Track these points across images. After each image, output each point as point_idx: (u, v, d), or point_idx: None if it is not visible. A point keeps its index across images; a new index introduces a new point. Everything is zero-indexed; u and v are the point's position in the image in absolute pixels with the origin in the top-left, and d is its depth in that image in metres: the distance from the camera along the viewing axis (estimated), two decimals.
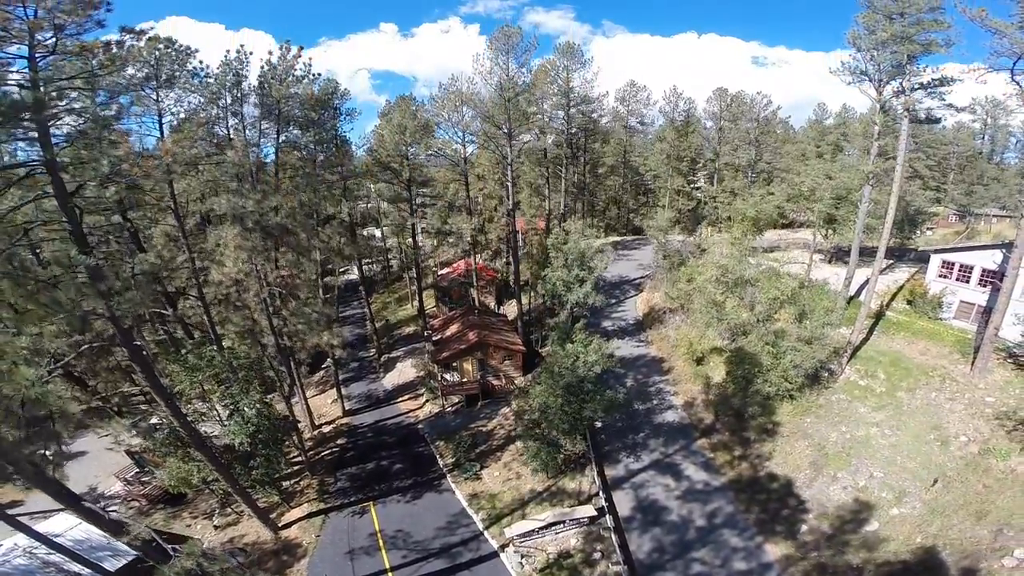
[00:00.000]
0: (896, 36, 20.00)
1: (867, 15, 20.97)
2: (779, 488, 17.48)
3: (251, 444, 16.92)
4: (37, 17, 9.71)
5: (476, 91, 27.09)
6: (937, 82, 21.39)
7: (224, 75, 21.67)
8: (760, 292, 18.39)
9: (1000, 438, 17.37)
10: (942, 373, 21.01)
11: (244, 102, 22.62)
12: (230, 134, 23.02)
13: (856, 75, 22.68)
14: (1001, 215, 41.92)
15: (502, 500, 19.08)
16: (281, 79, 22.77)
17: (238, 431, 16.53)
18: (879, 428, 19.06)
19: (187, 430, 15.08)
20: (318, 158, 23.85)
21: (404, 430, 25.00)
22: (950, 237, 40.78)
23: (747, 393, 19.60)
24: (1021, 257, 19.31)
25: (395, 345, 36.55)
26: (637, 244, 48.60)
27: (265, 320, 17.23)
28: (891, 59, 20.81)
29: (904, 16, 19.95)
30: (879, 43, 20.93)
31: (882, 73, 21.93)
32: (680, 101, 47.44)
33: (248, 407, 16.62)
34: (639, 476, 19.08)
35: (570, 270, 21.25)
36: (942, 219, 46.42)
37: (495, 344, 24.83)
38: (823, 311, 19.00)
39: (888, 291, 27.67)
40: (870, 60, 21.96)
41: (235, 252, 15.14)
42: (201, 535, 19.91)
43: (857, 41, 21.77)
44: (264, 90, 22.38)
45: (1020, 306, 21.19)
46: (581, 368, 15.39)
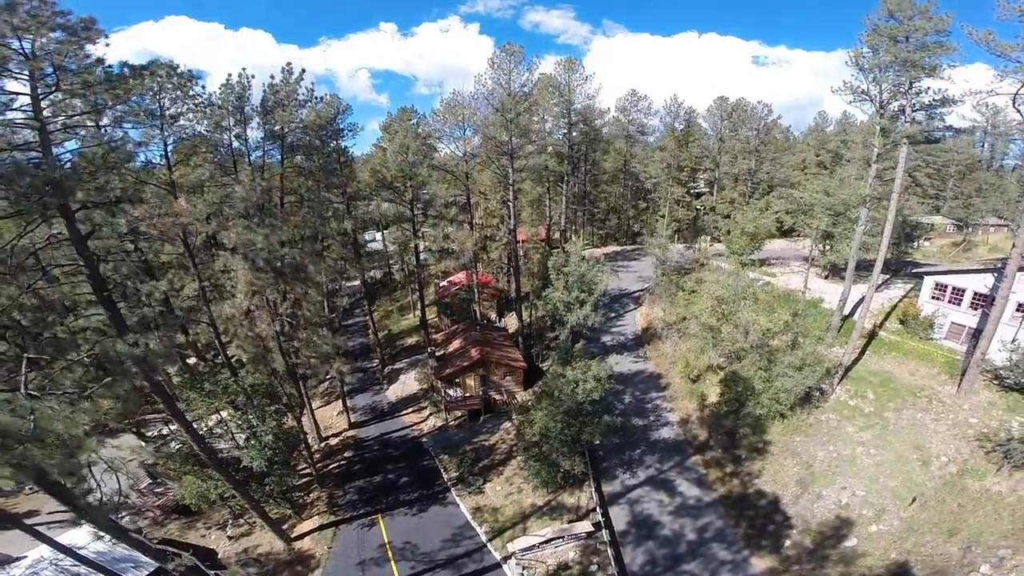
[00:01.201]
0: (900, 59, 20.52)
1: (871, 36, 21.51)
2: (766, 504, 19.04)
3: (268, 465, 18.57)
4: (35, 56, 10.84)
5: (477, 107, 28.61)
6: (939, 102, 22.46)
7: (226, 97, 22.70)
8: (753, 324, 19.85)
9: (979, 459, 18.88)
10: (929, 393, 22.50)
11: (247, 125, 23.76)
12: (235, 160, 24.33)
13: (857, 94, 23.25)
14: (999, 224, 43.28)
15: (504, 514, 20.68)
16: (284, 104, 24.05)
17: (256, 455, 18.18)
18: (865, 447, 20.59)
19: (207, 453, 16.63)
20: (321, 181, 25.27)
21: (409, 443, 26.62)
22: (947, 249, 42.20)
23: (739, 415, 21.15)
24: (1013, 277, 20.53)
25: (398, 356, 38.17)
26: (637, 255, 50.17)
27: (276, 347, 18.74)
28: (893, 80, 21.36)
29: (909, 40, 20.54)
30: (882, 64, 21.45)
31: (883, 94, 22.27)
32: (681, 110, 48.86)
33: (265, 433, 18.27)
34: (635, 492, 20.65)
35: (570, 291, 22.79)
36: (940, 232, 47.82)
37: (497, 361, 26.41)
38: (814, 339, 20.45)
39: (883, 309, 29.14)
40: (872, 81, 22.34)
41: (246, 286, 16.62)
42: (216, 545, 21.60)
43: (860, 60, 22.38)
44: (268, 115, 23.43)
45: (1008, 330, 22.64)
46: (580, 394, 16.91)
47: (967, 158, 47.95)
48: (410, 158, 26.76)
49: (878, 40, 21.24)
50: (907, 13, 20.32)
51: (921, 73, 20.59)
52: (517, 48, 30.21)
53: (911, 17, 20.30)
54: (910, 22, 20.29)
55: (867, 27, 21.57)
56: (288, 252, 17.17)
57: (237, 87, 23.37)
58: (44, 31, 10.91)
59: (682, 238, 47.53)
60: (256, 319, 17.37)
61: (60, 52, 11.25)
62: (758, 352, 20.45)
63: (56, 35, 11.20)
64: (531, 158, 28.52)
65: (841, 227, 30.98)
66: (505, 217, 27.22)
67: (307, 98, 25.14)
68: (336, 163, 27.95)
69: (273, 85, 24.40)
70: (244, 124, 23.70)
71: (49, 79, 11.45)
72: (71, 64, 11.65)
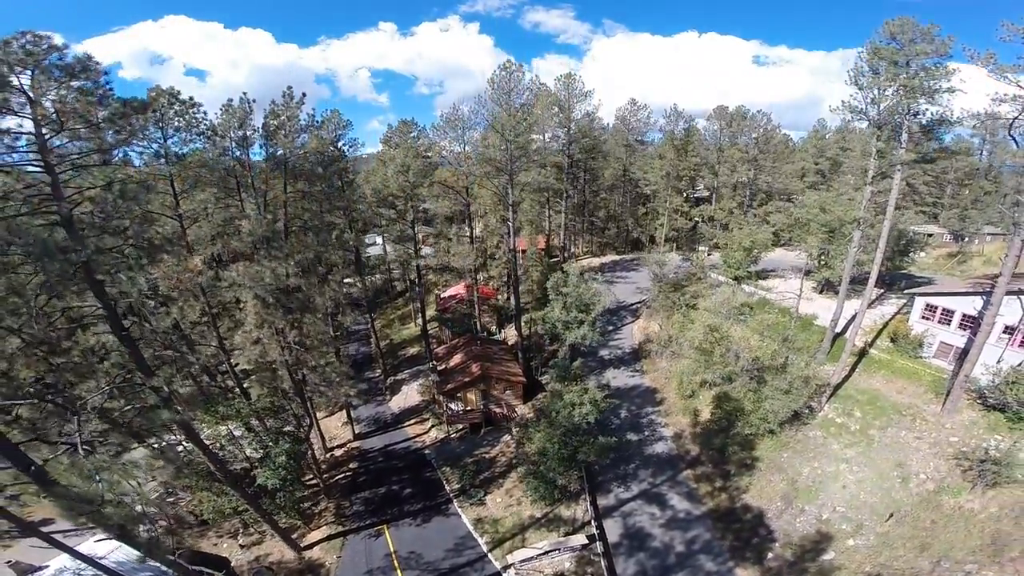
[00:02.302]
0: (899, 84, 21.04)
1: (871, 57, 21.84)
2: (752, 519, 20.67)
3: (281, 484, 20.34)
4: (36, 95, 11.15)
5: (477, 122, 30.09)
6: (937, 122, 23.73)
7: (228, 121, 23.71)
8: (743, 350, 21.42)
9: (955, 477, 20.45)
10: (914, 412, 24.04)
11: (249, 150, 24.68)
12: (238, 182, 25.22)
13: (856, 114, 23.91)
14: (996, 233, 44.53)
15: (504, 525, 22.35)
16: (286, 130, 25.24)
17: (271, 475, 19.93)
18: (848, 464, 22.18)
19: (223, 474, 18.29)
20: (324, 206, 26.70)
21: (412, 455, 28.31)
22: (943, 261, 43.55)
23: (728, 434, 22.77)
24: (1000, 303, 21.76)
25: (400, 367, 39.87)
26: (635, 264, 51.73)
27: (285, 372, 20.36)
28: (891, 103, 21.90)
29: (909, 64, 21.09)
30: (881, 86, 22.00)
31: (881, 115, 22.80)
32: (680, 120, 50.29)
33: (278, 455, 20.01)
34: (628, 505, 22.30)
35: (569, 311, 24.37)
36: (937, 241, 49.07)
37: (497, 376, 28.06)
38: (804, 362, 22.02)
39: (874, 327, 30.62)
40: (870, 102, 22.84)
41: (255, 318, 18.16)
42: (228, 554, 23.33)
43: (859, 80, 22.99)
44: (269, 139, 24.41)
45: (995, 351, 24.07)
46: (577, 417, 18.52)
47: (965, 165, 49.05)
48: (411, 178, 28.30)
49: (878, 63, 21.81)
50: (909, 36, 20.92)
51: (919, 97, 21.21)
52: (516, 66, 31.72)
53: (913, 40, 20.91)
54: (911, 45, 20.90)
55: (868, 48, 22.11)
56: (294, 282, 18.67)
57: (239, 111, 24.58)
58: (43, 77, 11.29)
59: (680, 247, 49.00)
60: (266, 347, 18.96)
61: (61, 99, 11.79)
62: (748, 375, 22.02)
63: (56, 73, 11.55)
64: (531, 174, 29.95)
65: (836, 243, 32.39)
66: (504, 236, 28.72)
67: (308, 123, 26.38)
68: (339, 182, 29.39)
69: (274, 109, 25.72)
70: (247, 149, 24.70)
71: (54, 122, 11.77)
72: (74, 104, 12.00)
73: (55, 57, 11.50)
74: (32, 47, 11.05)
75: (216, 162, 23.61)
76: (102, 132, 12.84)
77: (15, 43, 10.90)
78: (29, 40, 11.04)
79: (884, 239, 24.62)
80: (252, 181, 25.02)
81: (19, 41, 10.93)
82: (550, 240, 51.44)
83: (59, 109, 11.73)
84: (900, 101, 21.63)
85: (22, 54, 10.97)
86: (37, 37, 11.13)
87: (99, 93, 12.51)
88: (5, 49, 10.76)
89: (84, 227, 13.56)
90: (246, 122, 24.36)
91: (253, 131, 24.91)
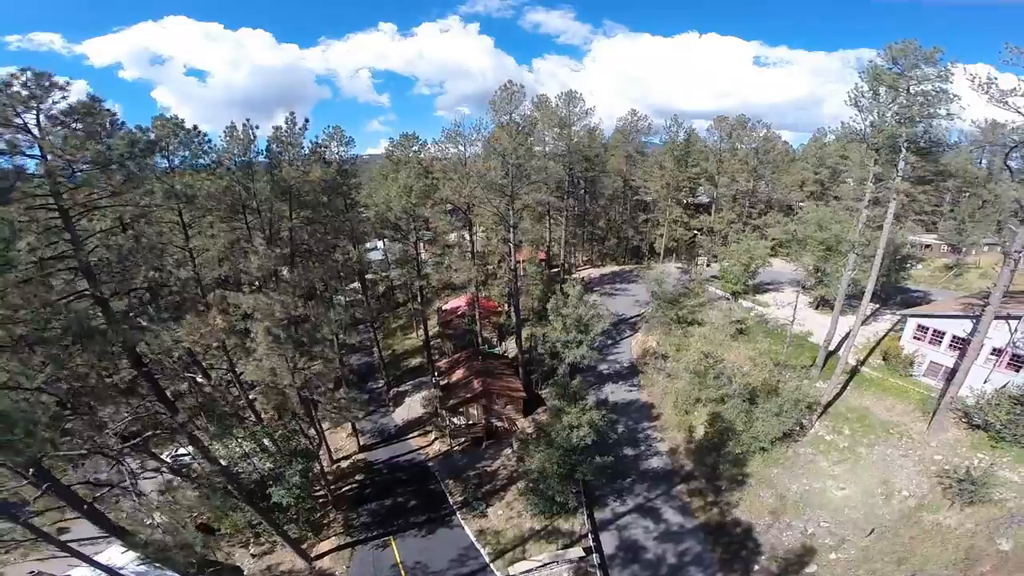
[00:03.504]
0: (898, 111, 21.51)
1: (872, 81, 22.20)
2: (741, 532, 22.40)
3: (294, 501, 22.24)
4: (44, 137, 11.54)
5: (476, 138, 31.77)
6: (934, 144, 24.98)
7: (231, 149, 25.15)
8: (735, 376, 23.17)
9: (936, 494, 22.13)
10: (901, 430, 25.73)
11: (254, 178, 25.90)
12: (243, 205, 26.30)
13: (855, 136, 24.74)
14: (992, 243, 46.06)
15: (505, 536, 24.13)
16: (290, 160, 26.79)
17: (285, 494, 21.80)
18: (835, 481, 23.89)
19: (241, 494, 20.11)
20: (330, 234, 28.36)
21: (416, 467, 30.13)
22: (939, 273, 45.14)
23: (720, 453, 24.52)
24: (988, 326, 23.20)
25: (403, 378, 41.71)
26: (635, 276, 53.47)
27: (296, 397, 22.12)
28: (890, 130, 22.13)
29: (910, 91, 21.46)
30: (881, 109, 22.26)
31: (880, 141, 23.17)
32: (681, 131, 51.98)
33: (292, 476, 21.89)
34: (624, 518, 24.04)
35: (568, 332, 26.13)
36: (935, 251, 50.53)
37: (498, 392, 29.86)
38: (795, 386, 23.75)
39: (868, 344, 32.29)
40: (869, 125, 23.37)
41: (267, 349, 19.84)
42: (240, 563, 25.19)
43: (859, 101, 23.21)
44: (274, 170, 25.76)
45: (982, 372, 25.67)
46: (575, 439, 20.30)
47: (964, 174, 50.29)
48: (413, 199, 30.07)
49: (878, 86, 22.07)
50: (911, 60, 21.19)
51: (917, 125, 21.78)
52: (517, 87, 33.55)
53: (915, 64, 21.20)
54: (913, 70, 21.26)
55: (869, 71, 22.49)
56: (303, 311, 20.36)
57: (243, 137, 26.11)
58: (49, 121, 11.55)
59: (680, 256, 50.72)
60: (278, 375, 20.72)
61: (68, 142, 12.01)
62: (740, 397, 23.78)
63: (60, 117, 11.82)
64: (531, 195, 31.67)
65: (832, 262, 34.04)
66: (505, 256, 30.48)
67: (312, 150, 28.04)
68: (343, 203, 31.05)
69: (277, 135, 27.37)
70: (251, 177, 25.94)
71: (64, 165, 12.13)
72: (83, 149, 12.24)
73: (58, 96, 11.67)
74: (34, 87, 11.17)
75: (223, 193, 25.12)
76: (113, 176, 13.53)
77: (15, 82, 11.06)
78: (30, 79, 11.15)
79: (879, 259, 25.89)
80: (258, 207, 26.73)
81: (20, 80, 11.10)
82: (550, 250, 53.23)
83: (68, 153, 12.04)
84: (898, 129, 21.85)
85: (24, 95, 11.12)
86: (38, 76, 11.29)
87: (106, 136, 13.11)
88: (7, 91, 10.97)
89: (102, 272, 14.52)
90: (249, 149, 25.67)
91: (257, 154, 26.20)
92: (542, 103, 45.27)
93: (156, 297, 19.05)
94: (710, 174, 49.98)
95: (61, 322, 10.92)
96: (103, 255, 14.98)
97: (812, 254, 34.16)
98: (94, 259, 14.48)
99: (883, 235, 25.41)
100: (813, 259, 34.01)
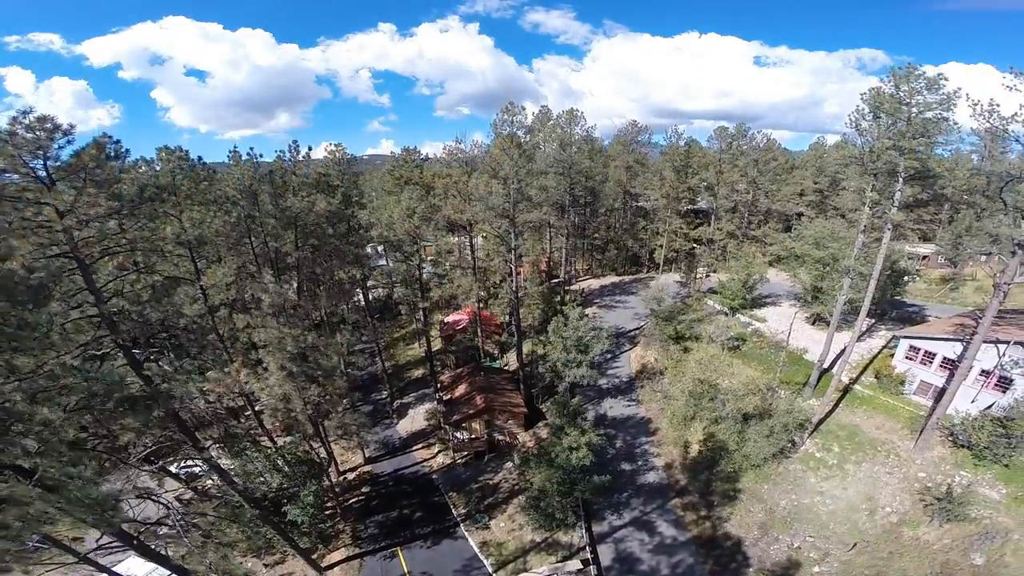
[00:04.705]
0: (896, 141, 22.23)
1: (874, 106, 23.05)
2: (731, 546, 24.37)
3: (308, 519, 24.33)
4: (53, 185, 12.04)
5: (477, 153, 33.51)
6: (931, 176, 26.40)
7: (237, 176, 26.81)
8: (729, 402, 25.10)
9: (918, 511, 24.05)
10: (889, 448, 27.62)
11: (259, 207, 27.48)
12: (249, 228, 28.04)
13: (854, 161, 25.74)
14: (989, 252, 47.59)
15: (507, 548, 26.15)
16: (295, 189, 28.49)
17: (300, 512, 23.84)
18: (822, 497, 25.82)
19: (262, 515, 22.13)
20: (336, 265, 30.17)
21: (420, 480, 32.15)
22: (936, 286, 46.85)
23: (712, 471, 26.48)
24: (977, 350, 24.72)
25: (406, 389, 43.73)
26: (635, 287, 55.44)
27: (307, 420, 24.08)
28: (889, 157, 22.92)
29: (911, 121, 22.21)
30: (880, 138, 22.92)
31: (879, 167, 24.25)
32: (681, 142, 53.70)
33: (306, 496, 23.94)
34: (620, 532, 26.03)
35: (568, 352, 28.05)
36: (932, 262, 52.08)
37: (500, 408, 31.85)
38: (786, 410, 25.66)
39: (861, 362, 34.14)
40: (868, 152, 24.14)
41: (278, 379, 21.78)
42: (254, 572, 27.29)
43: (860, 124, 24.17)
44: (278, 199, 27.42)
45: (970, 392, 27.44)
46: (574, 461, 22.26)
47: (964, 184, 51.81)
48: (416, 221, 31.98)
49: (879, 111, 22.87)
50: (913, 87, 21.93)
51: (916, 150, 22.57)
52: (518, 108, 35.44)
53: (917, 91, 21.92)
54: (915, 98, 21.99)
55: (871, 95, 23.27)
56: (312, 340, 22.22)
57: (247, 167, 27.78)
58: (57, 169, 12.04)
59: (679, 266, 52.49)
60: (290, 402, 22.68)
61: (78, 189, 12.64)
62: (733, 419, 25.72)
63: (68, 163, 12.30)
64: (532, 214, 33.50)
65: (828, 280, 35.82)
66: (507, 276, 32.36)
67: (316, 180, 29.91)
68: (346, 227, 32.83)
69: (281, 164, 29.26)
70: (257, 207, 27.55)
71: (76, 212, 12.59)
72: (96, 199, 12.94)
73: (63, 140, 12.13)
74: (38, 131, 11.61)
75: (232, 228, 26.80)
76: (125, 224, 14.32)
77: (19, 129, 11.49)
78: (34, 123, 11.57)
79: (874, 281, 27.43)
80: (265, 238, 28.56)
81: (22, 122, 11.50)
82: (551, 261, 55.13)
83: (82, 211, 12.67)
84: (897, 157, 22.72)
85: (31, 143, 11.57)
86: (41, 120, 11.69)
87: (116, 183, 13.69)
88: (12, 140, 11.37)
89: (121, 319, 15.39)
90: (255, 182, 27.40)
91: (260, 180, 27.86)
92: (543, 116, 47.14)
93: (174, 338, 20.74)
94: (710, 183, 51.77)
95: (98, 388, 11.46)
96: (122, 304, 15.99)
97: (809, 273, 35.94)
98: (114, 308, 15.40)
99: (878, 260, 27.08)
100: (810, 278, 35.79)
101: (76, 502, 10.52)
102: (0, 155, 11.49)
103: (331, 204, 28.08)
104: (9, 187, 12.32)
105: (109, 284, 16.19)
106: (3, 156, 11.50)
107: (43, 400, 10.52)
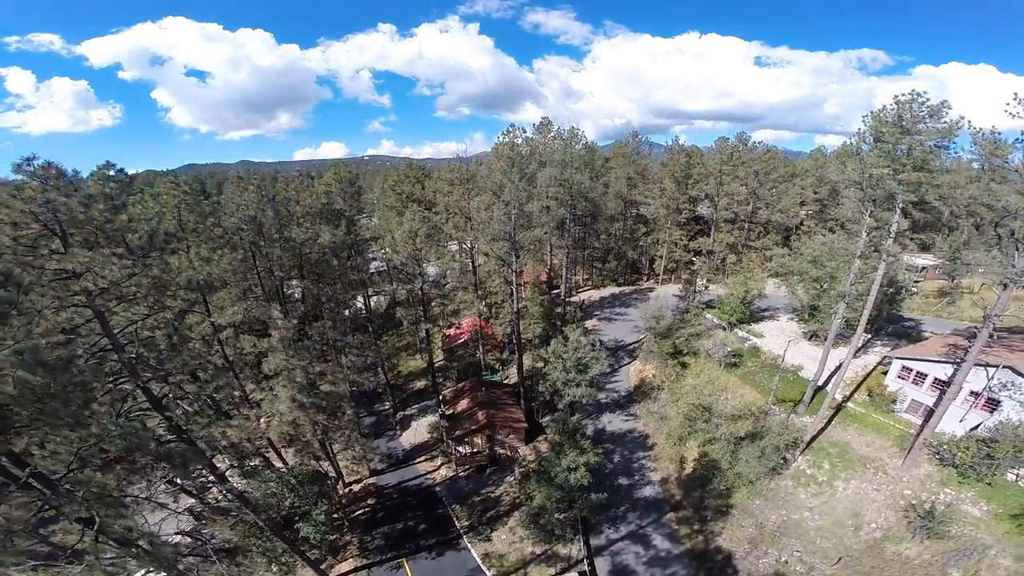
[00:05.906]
0: (897, 173, 22.96)
1: (876, 132, 23.92)
2: (722, 559, 26.31)
3: (319, 535, 26.38)
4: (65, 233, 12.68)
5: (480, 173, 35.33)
6: (929, 208, 27.73)
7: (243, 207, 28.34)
8: (723, 425, 27.00)
9: (902, 527, 25.92)
10: (877, 465, 29.46)
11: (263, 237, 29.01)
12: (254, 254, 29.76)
13: (854, 185, 26.39)
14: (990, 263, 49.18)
15: (509, 560, 28.15)
16: (299, 219, 30.31)
17: (312, 530, 25.88)
18: (811, 513, 27.72)
19: (275, 532, 24.16)
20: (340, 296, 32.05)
21: (424, 492, 34.19)
22: (933, 300, 48.51)
23: (706, 488, 28.42)
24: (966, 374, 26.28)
25: (408, 400, 45.78)
26: (635, 299, 57.32)
27: (316, 443, 26.12)
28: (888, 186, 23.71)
29: (911, 152, 23.07)
30: (879, 166, 23.34)
31: (878, 194, 25.01)
32: (681, 154, 55.41)
33: (318, 515, 25.98)
34: (617, 544, 28.01)
35: (568, 372, 29.93)
36: (930, 273, 53.57)
37: (501, 423, 33.83)
38: (778, 433, 27.55)
39: (855, 379, 35.94)
40: (867, 178, 24.58)
41: (289, 409, 23.70)
42: None
43: (860, 148, 25.16)
44: (284, 230, 29.31)
45: (959, 411, 29.20)
46: (573, 481, 24.17)
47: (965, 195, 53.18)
48: (418, 243, 33.91)
49: (881, 136, 23.71)
50: (916, 115, 22.65)
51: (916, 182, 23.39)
52: (519, 131, 37.25)
53: (920, 119, 22.69)
54: (916, 126, 22.80)
55: (873, 120, 24.13)
56: (319, 367, 24.18)
57: (255, 196, 29.78)
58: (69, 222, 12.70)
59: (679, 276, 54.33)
60: (300, 428, 24.69)
61: (96, 260, 13.37)
62: (726, 440, 27.65)
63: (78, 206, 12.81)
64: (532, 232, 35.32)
65: (824, 299, 37.49)
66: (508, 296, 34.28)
67: (320, 210, 31.93)
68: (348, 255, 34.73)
69: (285, 194, 31.24)
70: (261, 234, 29.22)
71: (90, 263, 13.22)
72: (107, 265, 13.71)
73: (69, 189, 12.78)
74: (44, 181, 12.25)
75: (240, 264, 28.44)
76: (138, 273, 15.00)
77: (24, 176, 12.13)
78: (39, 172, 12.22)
79: (870, 303, 28.80)
80: (271, 267, 30.46)
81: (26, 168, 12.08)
82: (551, 272, 56.99)
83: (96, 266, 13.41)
84: (896, 187, 23.58)
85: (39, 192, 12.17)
86: (45, 168, 12.34)
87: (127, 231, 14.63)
88: (21, 195, 12.07)
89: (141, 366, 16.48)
90: (260, 212, 29.22)
91: (266, 206, 29.76)
92: (544, 128, 48.96)
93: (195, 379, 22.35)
94: (709, 194, 53.50)
95: (133, 442, 11.98)
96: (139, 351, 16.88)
97: (807, 292, 37.67)
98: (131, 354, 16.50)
99: (873, 288, 28.51)
100: (807, 296, 37.54)
101: (146, 555, 12.19)
102: (10, 210, 12.19)
103: (335, 236, 29.95)
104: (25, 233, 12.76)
105: (127, 329, 16.87)
106: (13, 211, 12.20)
107: (87, 458, 11.65)
